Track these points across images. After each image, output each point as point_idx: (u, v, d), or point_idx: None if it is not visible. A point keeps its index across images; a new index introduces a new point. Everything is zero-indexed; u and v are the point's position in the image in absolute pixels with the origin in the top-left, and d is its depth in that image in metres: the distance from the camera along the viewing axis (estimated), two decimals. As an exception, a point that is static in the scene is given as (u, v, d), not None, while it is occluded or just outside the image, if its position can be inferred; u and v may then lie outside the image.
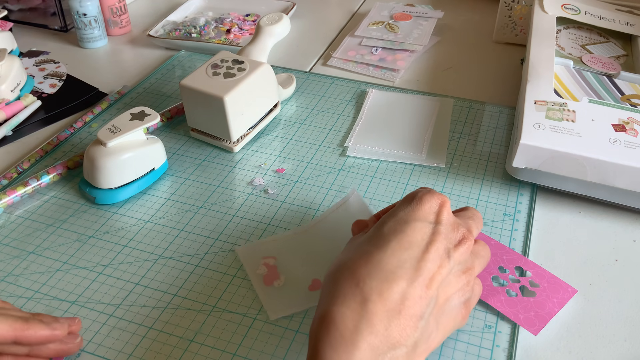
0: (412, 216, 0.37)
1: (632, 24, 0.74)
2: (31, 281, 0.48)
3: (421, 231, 0.36)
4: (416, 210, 0.37)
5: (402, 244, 0.35)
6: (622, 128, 0.54)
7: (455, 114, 0.67)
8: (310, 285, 0.46)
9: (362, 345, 0.31)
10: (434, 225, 0.37)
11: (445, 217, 0.37)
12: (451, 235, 0.37)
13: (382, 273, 0.33)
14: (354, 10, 0.95)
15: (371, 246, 0.35)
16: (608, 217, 0.54)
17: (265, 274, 0.47)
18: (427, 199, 0.38)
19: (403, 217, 0.37)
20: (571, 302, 0.46)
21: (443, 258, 0.35)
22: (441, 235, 0.36)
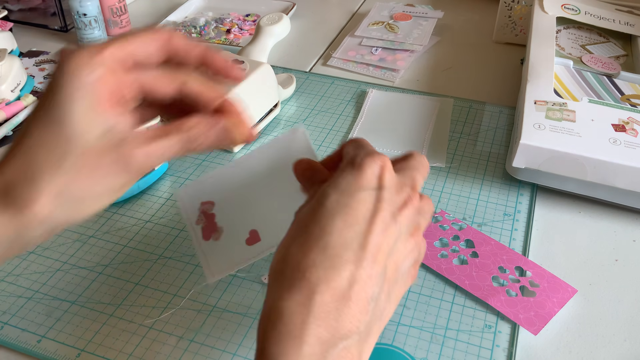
0: (355, 185, 0.33)
1: (632, 24, 0.74)
2: (31, 281, 0.48)
3: (365, 202, 0.33)
4: (358, 178, 0.33)
5: (348, 220, 0.32)
6: (622, 128, 0.54)
7: (455, 114, 0.67)
8: (248, 239, 0.42)
9: (311, 340, 0.29)
10: (377, 191, 0.33)
11: (387, 180, 0.34)
12: (395, 198, 0.34)
13: (328, 260, 0.31)
14: (354, 10, 0.95)
15: (315, 226, 0.32)
16: (608, 217, 0.54)
17: (204, 226, 0.43)
18: (368, 163, 0.34)
19: (346, 188, 0.33)
20: (571, 301, 0.46)
21: (389, 226, 0.33)
22: (385, 202, 0.33)
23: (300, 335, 0.29)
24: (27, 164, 0.31)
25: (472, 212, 0.54)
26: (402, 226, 0.34)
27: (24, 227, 0.31)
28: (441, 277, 0.48)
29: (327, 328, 0.30)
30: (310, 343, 0.29)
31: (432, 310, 0.45)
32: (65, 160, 0.31)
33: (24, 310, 0.46)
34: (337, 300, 0.30)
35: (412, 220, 0.35)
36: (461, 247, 0.50)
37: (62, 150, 0.31)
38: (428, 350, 0.42)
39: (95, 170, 0.32)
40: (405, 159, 0.38)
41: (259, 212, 0.43)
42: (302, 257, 0.31)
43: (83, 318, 0.45)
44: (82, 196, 0.32)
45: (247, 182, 0.44)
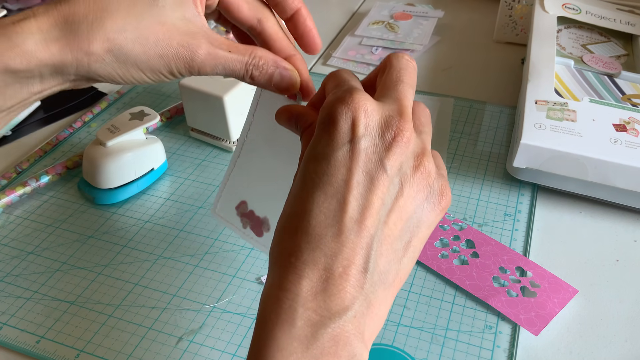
0: (331, 147, 0.30)
1: (633, 23, 0.74)
2: (30, 281, 0.48)
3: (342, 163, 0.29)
4: (333, 138, 0.30)
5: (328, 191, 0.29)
6: (623, 128, 0.54)
7: (455, 114, 0.67)
8: None
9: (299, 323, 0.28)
10: (350, 144, 0.29)
11: (362, 126, 0.30)
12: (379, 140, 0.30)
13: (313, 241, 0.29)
14: (354, 10, 0.94)
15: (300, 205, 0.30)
16: (609, 217, 0.54)
17: (251, 225, 0.43)
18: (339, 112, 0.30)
19: (322, 152, 0.30)
20: (572, 302, 0.46)
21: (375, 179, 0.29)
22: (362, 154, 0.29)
23: (289, 320, 0.28)
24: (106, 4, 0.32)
25: (473, 212, 0.54)
26: (393, 168, 0.30)
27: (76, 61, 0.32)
28: (442, 278, 0.47)
29: (316, 310, 0.28)
30: (299, 326, 0.28)
31: (432, 310, 0.45)
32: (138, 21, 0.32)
33: (23, 310, 0.46)
34: (325, 281, 0.28)
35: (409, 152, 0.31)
36: (462, 248, 0.50)
37: (138, 11, 0.32)
38: (428, 350, 0.42)
39: (158, 43, 0.33)
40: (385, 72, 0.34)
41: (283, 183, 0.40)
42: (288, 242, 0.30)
43: (82, 318, 0.45)
44: (135, 62, 0.33)
45: (259, 164, 0.42)
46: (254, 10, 0.37)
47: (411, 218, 0.31)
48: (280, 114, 0.36)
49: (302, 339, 0.28)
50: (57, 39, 0.31)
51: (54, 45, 0.31)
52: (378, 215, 0.29)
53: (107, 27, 0.32)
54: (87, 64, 0.32)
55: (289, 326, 0.28)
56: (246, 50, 0.36)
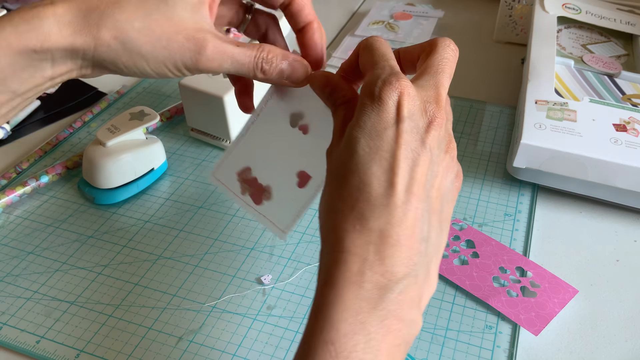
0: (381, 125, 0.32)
1: (633, 23, 0.74)
2: (30, 281, 0.48)
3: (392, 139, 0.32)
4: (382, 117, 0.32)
5: (383, 165, 0.32)
6: (623, 128, 0.54)
7: (455, 114, 0.67)
8: (299, 182, 0.41)
9: (367, 286, 0.30)
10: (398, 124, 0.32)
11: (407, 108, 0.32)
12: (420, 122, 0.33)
13: (376, 210, 0.31)
14: (354, 10, 0.94)
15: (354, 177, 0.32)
16: (609, 217, 0.54)
17: (252, 193, 0.43)
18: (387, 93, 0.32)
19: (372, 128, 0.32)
20: (572, 302, 0.46)
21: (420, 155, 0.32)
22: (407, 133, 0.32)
23: (358, 282, 0.30)
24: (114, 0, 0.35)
25: (473, 212, 0.54)
26: (433, 148, 0.33)
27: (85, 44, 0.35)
28: (442, 278, 0.47)
29: (383, 274, 0.30)
30: (367, 288, 0.30)
31: (432, 310, 0.45)
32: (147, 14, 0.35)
33: (22, 310, 0.46)
34: (391, 247, 0.31)
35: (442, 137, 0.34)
36: (462, 248, 0.50)
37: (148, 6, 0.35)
38: (428, 350, 0.42)
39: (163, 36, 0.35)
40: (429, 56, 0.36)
41: (296, 153, 0.42)
42: (349, 210, 0.32)
43: (82, 318, 0.45)
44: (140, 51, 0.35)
45: (271, 133, 0.42)
46: None
47: (445, 195, 0.34)
48: (315, 79, 0.38)
49: (370, 300, 0.30)
50: (70, 24, 0.34)
51: (66, 29, 0.34)
52: (425, 190, 0.32)
53: (116, 16, 0.34)
54: (93, 48, 0.35)
55: (357, 287, 0.30)
56: (254, 45, 0.37)
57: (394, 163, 0.32)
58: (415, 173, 0.32)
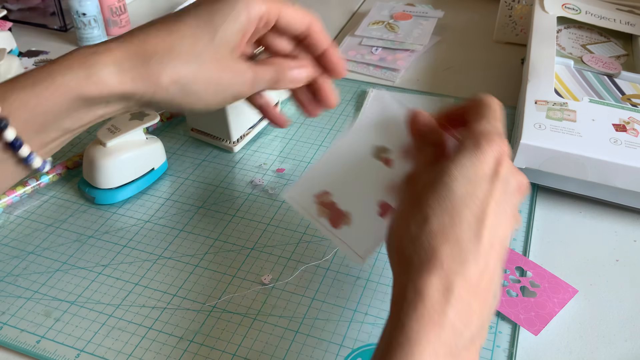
0: (480, 173, 0.34)
1: (633, 23, 0.74)
2: (30, 281, 0.48)
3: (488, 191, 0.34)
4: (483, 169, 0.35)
5: (474, 211, 0.33)
6: (623, 128, 0.54)
7: (455, 114, 0.67)
8: (380, 211, 0.43)
9: (447, 329, 0.31)
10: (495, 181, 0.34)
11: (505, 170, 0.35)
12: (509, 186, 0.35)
13: (462, 253, 0.32)
14: (354, 10, 0.95)
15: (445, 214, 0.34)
16: (609, 217, 0.54)
17: (330, 217, 0.44)
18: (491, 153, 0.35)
19: (472, 175, 0.34)
20: (572, 302, 0.46)
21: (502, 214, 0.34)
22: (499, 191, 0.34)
23: (440, 322, 0.31)
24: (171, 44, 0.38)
25: (473, 212, 0.54)
26: (514, 211, 0.35)
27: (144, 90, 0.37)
28: (441, 278, 0.47)
29: (461, 319, 0.31)
30: (447, 331, 0.31)
31: (432, 310, 0.45)
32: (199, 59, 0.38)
33: (23, 310, 0.46)
34: (469, 295, 0.32)
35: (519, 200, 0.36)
36: (461, 247, 0.50)
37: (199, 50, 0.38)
38: (428, 350, 0.42)
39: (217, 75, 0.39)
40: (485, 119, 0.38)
41: (378, 183, 0.43)
42: (437, 244, 0.33)
43: (82, 318, 0.45)
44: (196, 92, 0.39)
45: (353, 161, 0.44)
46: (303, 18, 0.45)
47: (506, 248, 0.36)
48: (415, 117, 0.40)
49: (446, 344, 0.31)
50: (129, 71, 0.36)
51: (126, 76, 0.36)
52: (501, 248, 0.34)
53: (174, 62, 0.37)
54: (152, 93, 0.37)
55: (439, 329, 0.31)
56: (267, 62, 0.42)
57: (484, 215, 0.33)
58: (498, 231, 0.34)
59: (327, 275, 0.48)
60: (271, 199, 0.56)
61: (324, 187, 0.44)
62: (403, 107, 0.43)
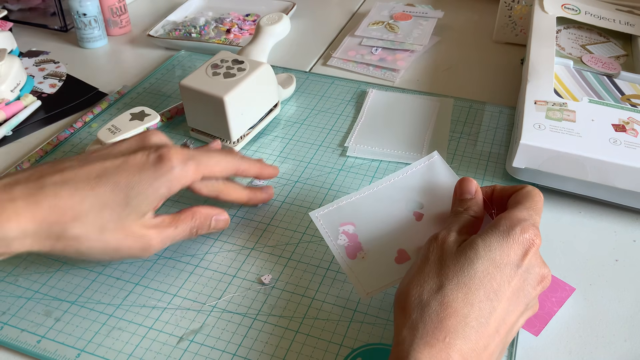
0: (505, 260, 0.36)
1: (632, 24, 0.74)
2: (31, 281, 0.48)
3: (507, 278, 0.36)
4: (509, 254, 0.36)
5: (489, 293, 0.35)
6: (622, 128, 0.54)
7: (455, 114, 0.67)
8: (397, 258, 0.44)
9: None
10: (517, 269, 0.36)
11: (531, 260, 0.37)
12: (533, 277, 0.37)
13: (466, 329, 0.33)
14: (354, 10, 0.95)
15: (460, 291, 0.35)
16: (608, 217, 0.54)
17: (347, 245, 0.45)
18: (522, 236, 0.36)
19: (497, 259, 0.36)
20: (571, 302, 0.46)
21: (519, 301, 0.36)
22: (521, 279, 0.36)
23: None
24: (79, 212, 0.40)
25: (472, 212, 0.54)
26: (529, 301, 0.37)
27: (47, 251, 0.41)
28: (441, 278, 0.47)
29: None
30: None
31: (432, 310, 0.45)
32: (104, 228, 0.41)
33: (23, 310, 0.46)
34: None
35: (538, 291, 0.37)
36: (461, 247, 0.50)
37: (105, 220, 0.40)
38: (428, 350, 0.42)
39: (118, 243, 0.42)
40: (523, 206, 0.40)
41: (403, 232, 0.45)
42: (443, 317, 0.34)
43: (83, 318, 0.45)
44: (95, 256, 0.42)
45: (387, 205, 0.46)
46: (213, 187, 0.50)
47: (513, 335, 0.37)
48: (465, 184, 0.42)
49: None
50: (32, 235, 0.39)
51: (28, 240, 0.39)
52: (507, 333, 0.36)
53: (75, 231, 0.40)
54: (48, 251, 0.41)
55: None
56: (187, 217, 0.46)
57: (498, 301, 0.35)
58: (508, 318, 0.35)
59: (327, 275, 0.48)
60: (271, 199, 0.56)
61: (351, 218, 0.46)
62: (453, 175, 0.46)
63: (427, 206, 0.45)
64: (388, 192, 0.47)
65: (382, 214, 0.46)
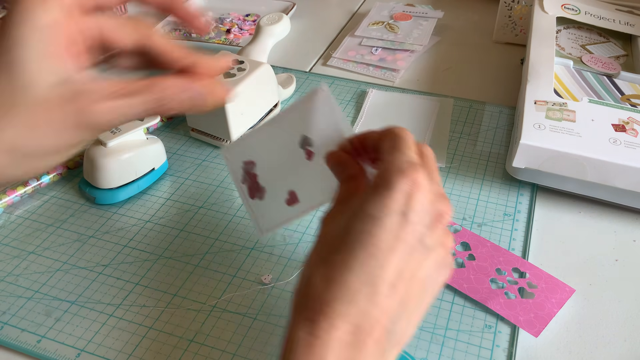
0: (383, 212, 0.31)
1: (632, 24, 0.74)
2: (31, 281, 0.48)
3: (390, 229, 0.31)
4: (387, 205, 0.31)
5: (370, 251, 0.31)
6: (622, 128, 0.54)
7: (455, 114, 0.67)
8: (288, 199, 0.43)
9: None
10: (403, 216, 0.31)
11: (418, 203, 0.32)
12: (426, 218, 0.32)
13: (348, 295, 0.30)
14: (354, 10, 0.95)
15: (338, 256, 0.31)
16: (608, 217, 0.54)
17: (249, 185, 0.45)
18: (398, 184, 0.32)
19: (373, 214, 0.31)
20: (571, 302, 0.46)
21: (415, 250, 0.32)
22: (412, 226, 0.32)
23: None
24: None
25: (472, 212, 0.54)
26: (430, 246, 0.32)
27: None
28: (441, 277, 0.47)
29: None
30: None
31: (432, 310, 0.45)
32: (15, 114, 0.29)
33: (23, 310, 0.46)
34: (354, 335, 0.30)
35: (443, 233, 0.33)
36: (457, 250, 0.50)
37: (11, 102, 0.30)
38: (428, 350, 0.42)
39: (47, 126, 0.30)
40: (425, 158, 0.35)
41: (294, 173, 0.43)
42: (323, 290, 0.31)
43: (83, 318, 0.45)
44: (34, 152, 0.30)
45: (281, 143, 0.44)
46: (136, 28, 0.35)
47: (429, 288, 0.33)
48: (328, 159, 0.38)
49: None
50: None
51: None
52: (410, 283, 0.32)
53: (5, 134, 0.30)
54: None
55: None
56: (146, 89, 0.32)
57: (385, 257, 0.31)
58: (406, 270, 0.31)
59: (327, 275, 0.48)
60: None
61: (253, 156, 0.45)
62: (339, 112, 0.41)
63: (317, 144, 0.42)
64: (283, 127, 0.43)
65: (278, 152, 0.44)
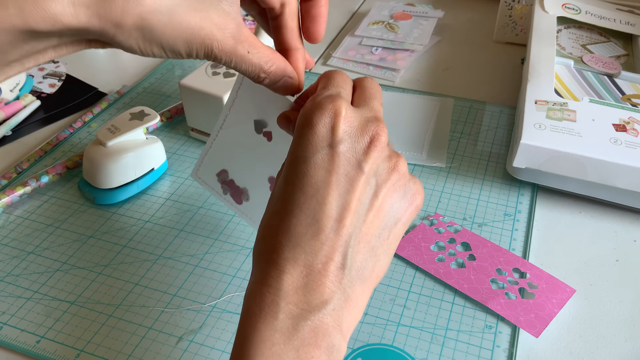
0: (309, 150, 0.31)
1: (633, 23, 0.74)
2: (30, 281, 0.48)
3: (321, 165, 0.31)
4: (311, 142, 0.31)
5: (307, 191, 0.31)
6: (623, 128, 0.54)
7: (455, 114, 0.67)
8: (271, 186, 0.44)
9: (280, 316, 0.30)
10: (330, 148, 0.31)
11: (342, 131, 0.31)
12: (357, 144, 0.32)
13: (292, 239, 0.31)
14: (354, 10, 0.95)
15: (280, 204, 0.32)
16: (609, 217, 0.54)
17: (231, 193, 0.45)
18: (318, 119, 0.31)
19: (301, 155, 0.31)
20: (572, 302, 0.46)
21: (355, 179, 0.31)
22: (341, 156, 0.31)
23: (272, 313, 0.30)
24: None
25: (473, 213, 0.54)
26: (372, 169, 0.32)
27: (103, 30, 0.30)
28: (440, 281, 0.47)
29: (297, 304, 0.30)
30: (280, 319, 0.30)
31: (432, 310, 0.45)
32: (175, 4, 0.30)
33: (23, 310, 0.46)
34: (305, 277, 0.30)
35: (385, 155, 0.32)
36: (458, 250, 0.50)
37: None
38: (428, 350, 0.42)
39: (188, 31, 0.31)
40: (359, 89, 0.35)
41: (264, 160, 0.43)
42: (270, 240, 0.31)
43: (82, 318, 0.45)
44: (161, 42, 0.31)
45: (240, 139, 0.44)
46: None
47: (387, 216, 0.33)
48: (279, 122, 0.37)
49: (284, 331, 0.29)
50: (88, 6, 0.29)
51: (82, 12, 0.29)
52: (356, 215, 0.31)
53: (144, 3, 0.30)
54: (112, 35, 0.30)
55: (272, 319, 0.30)
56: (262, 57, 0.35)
57: (322, 193, 0.31)
58: (348, 201, 0.31)
59: (327, 275, 0.48)
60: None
61: (221, 165, 0.45)
62: None
63: (270, 122, 0.42)
64: (234, 123, 0.44)
65: (241, 149, 0.44)
